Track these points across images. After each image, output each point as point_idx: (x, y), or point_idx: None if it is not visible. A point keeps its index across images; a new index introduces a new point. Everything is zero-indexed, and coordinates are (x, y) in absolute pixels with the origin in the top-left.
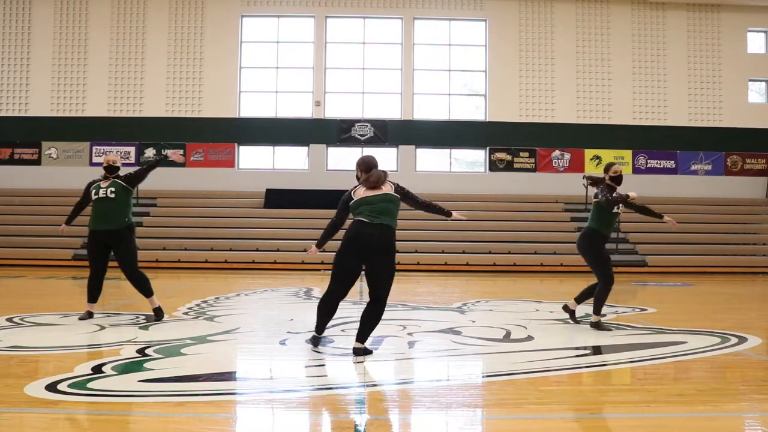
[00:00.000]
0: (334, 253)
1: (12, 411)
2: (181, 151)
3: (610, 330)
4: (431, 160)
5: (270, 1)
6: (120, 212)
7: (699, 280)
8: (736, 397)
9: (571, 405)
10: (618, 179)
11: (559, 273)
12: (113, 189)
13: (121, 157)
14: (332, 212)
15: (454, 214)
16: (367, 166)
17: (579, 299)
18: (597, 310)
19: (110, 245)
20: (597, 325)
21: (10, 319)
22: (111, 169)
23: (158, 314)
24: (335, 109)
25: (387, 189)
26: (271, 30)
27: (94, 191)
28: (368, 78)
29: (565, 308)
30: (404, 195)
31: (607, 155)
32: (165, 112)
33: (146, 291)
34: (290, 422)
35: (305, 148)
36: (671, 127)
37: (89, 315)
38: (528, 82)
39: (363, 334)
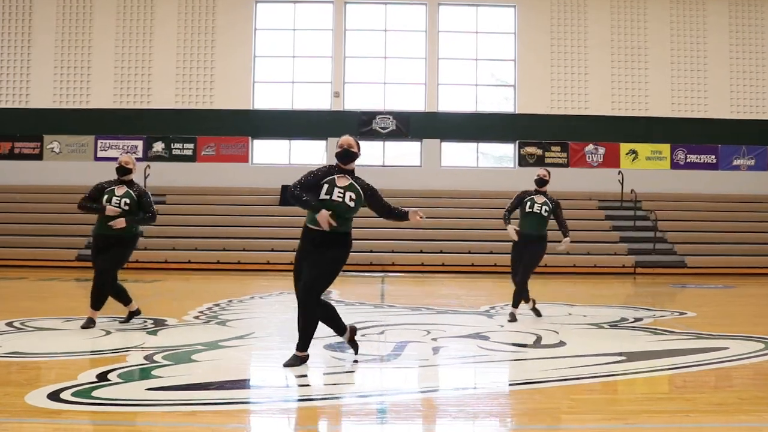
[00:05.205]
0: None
1: (12, 421)
2: (192, 145)
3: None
4: (457, 154)
5: None
6: (129, 223)
7: (742, 282)
8: None
9: (605, 414)
10: (536, 182)
11: (592, 275)
12: (128, 201)
13: (128, 151)
14: None
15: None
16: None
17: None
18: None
19: (108, 246)
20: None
21: (10, 324)
22: (123, 171)
23: (90, 323)
24: (355, 101)
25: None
26: (287, 16)
27: (106, 198)
28: (390, 68)
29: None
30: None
31: (644, 149)
32: (174, 104)
33: (100, 305)
34: None
35: (323, 142)
36: (712, 119)
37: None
38: (560, 71)
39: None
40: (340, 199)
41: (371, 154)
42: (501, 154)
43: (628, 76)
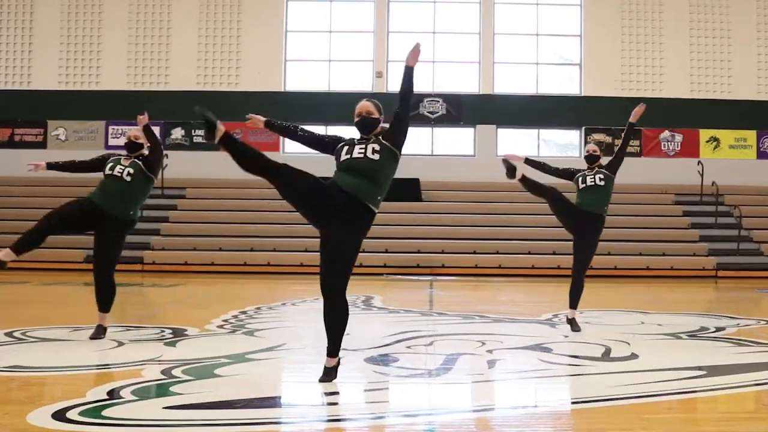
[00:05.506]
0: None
1: None
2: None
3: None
4: (515, 142)
5: None
6: (129, 200)
7: None
8: None
9: None
10: (587, 159)
11: (668, 278)
12: (131, 171)
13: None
14: (398, 205)
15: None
16: None
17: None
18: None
19: (96, 225)
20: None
21: (9, 334)
22: (133, 147)
23: (99, 332)
24: (400, 82)
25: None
26: None
27: (110, 165)
28: (439, 44)
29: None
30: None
31: (727, 137)
32: (196, 85)
33: (107, 304)
34: None
35: None
36: None
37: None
38: (631, 48)
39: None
40: (362, 155)
41: (418, 141)
42: (565, 141)
43: (709, 54)
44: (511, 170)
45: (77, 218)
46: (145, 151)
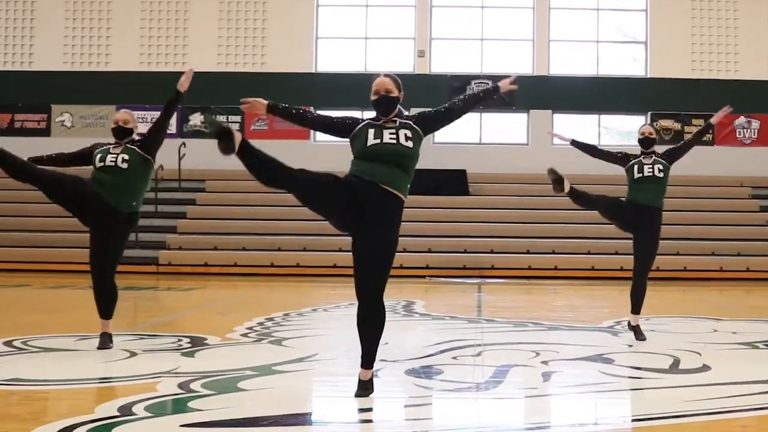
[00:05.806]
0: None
1: None
2: (239, 118)
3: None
4: (573, 129)
5: None
6: (129, 190)
7: None
8: None
9: None
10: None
11: (744, 281)
12: (126, 157)
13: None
14: (442, 199)
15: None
16: None
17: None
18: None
19: (94, 217)
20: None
21: (9, 343)
22: (121, 133)
23: (106, 341)
24: (444, 62)
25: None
26: None
27: (99, 156)
28: (489, 20)
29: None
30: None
31: None
32: (217, 66)
33: (108, 310)
34: None
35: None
36: None
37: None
38: (703, 24)
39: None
40: (394, 141)
41: (465, 128)
42: (628, 128)
43: None
44: (558, 182)
45: (72, 196)
46: (136, 137)
